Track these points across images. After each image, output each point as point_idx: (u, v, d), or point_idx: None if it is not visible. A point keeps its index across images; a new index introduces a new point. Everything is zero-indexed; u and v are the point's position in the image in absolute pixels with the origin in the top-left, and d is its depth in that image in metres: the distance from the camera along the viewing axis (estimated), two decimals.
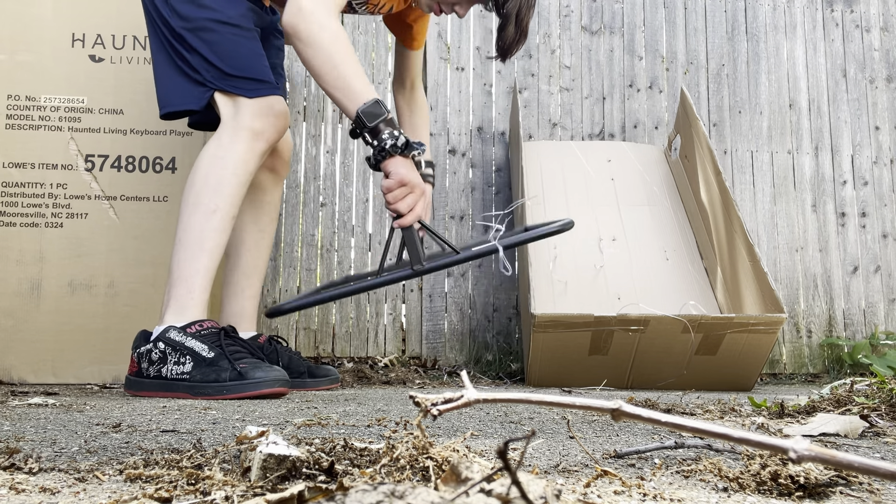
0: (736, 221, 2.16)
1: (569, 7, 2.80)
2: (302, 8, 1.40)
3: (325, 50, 1.40)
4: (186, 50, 1.54)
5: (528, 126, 2.73)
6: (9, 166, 1.89)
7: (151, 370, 1.43)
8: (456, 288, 2.57)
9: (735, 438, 0.39)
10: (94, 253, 1.89)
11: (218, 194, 1.49)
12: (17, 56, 1.93)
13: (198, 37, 1.53)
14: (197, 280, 1.47)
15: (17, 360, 1.84)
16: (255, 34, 1.60)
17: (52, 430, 0.87)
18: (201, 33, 1.53)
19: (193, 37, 1.53)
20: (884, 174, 2.81)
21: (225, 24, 1.54)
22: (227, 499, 0.49)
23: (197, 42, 1.53)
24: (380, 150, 1.37)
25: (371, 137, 1.38)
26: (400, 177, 1.37)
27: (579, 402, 0.44)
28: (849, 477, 0.60)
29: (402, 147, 1.37)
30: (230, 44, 1.54)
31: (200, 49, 1.53)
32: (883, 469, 0.36)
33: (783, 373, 2.63)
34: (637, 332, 1.85)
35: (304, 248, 2.53)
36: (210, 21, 1.53)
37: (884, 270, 2.74)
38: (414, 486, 0.38)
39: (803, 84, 2.84)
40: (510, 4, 1.55)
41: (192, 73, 1.54)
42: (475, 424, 0.98)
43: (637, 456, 0.73)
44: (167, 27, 1.56)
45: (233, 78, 1.53)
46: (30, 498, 0.51)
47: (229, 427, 0.92)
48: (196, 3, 1.54)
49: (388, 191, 1.38)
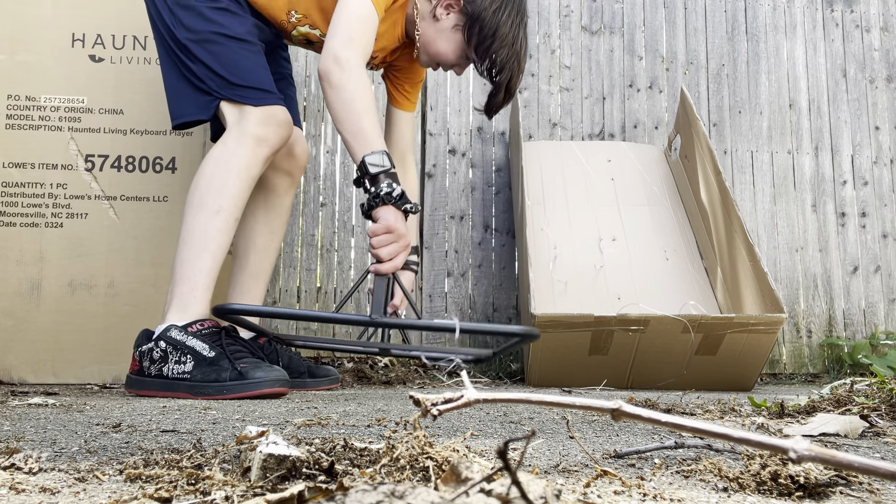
0: (736, 221, 2.16)
1: (569, 7, 2.80)
2: (339, 57, 1.45)
3: (350, 97, 1.44)
4: (191, 60, 1.56)
5: (528, 126, 2.73)
6: (9, 166, 1.89)
7: (152, 369, 1.43)
8: (456, 288, 2.57)
9: (735, 438, 0.39)
10: (94, 253, 1.89)
11: (222, 196, 1.51)
12: (17, 56, 1.93)
13: (203, 48, 1.55)
14: (200, 279, 1.47)
15: (17, 360, 1.84)
16: (260, 49, 1.62)
17: (52, 430, 0.87)
18: (207, 45, 1.55)
19: (199, 48, 1.55)
20: (884, 174, 2.81)
21: (231, 38, 1.56)
22: (227, 499, 0.49)
23: (202, 53, 1.55)
24: (374, 196, 1.38)
25: (370, 184, 1.40)
26: (388, 223, 1.37)
27: (579, 402, 0.44)
28: (849, 477, 0.60)
29: (397, 198, 1.38)
30: (235, 56, 1.56)
31: (206, 60, 1.55)
32: (883, 469, 0.36)
33: (783, 373, 2.63)
34: (637, 332, 1.85)
35: (304, 248, 2.53)
36: (215, 34, 1.55)
37: (884, 270, 2.74)
38: (414, 486, 0.38)
39: (803, 84, 2.84)
40: (502, 76, 1.62)
41: (198, 83, 1.57)
42: (475, 424, 0.98)
43: (637, 456, 0.73)
44: (172, 37, 1.58)
45: (238, 87, 1.55)
46: (30, 498, 0.51)
47: (229, 427, 0.92)
48: (202, 16, 1.56)
49: (373, 234, 1.38)
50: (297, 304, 2.50)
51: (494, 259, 2.62)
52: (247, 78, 1.56)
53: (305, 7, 1.65)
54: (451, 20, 1.63)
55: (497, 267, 2.62)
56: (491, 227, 2.65)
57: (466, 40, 1.62)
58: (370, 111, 1.44)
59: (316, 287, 2.52)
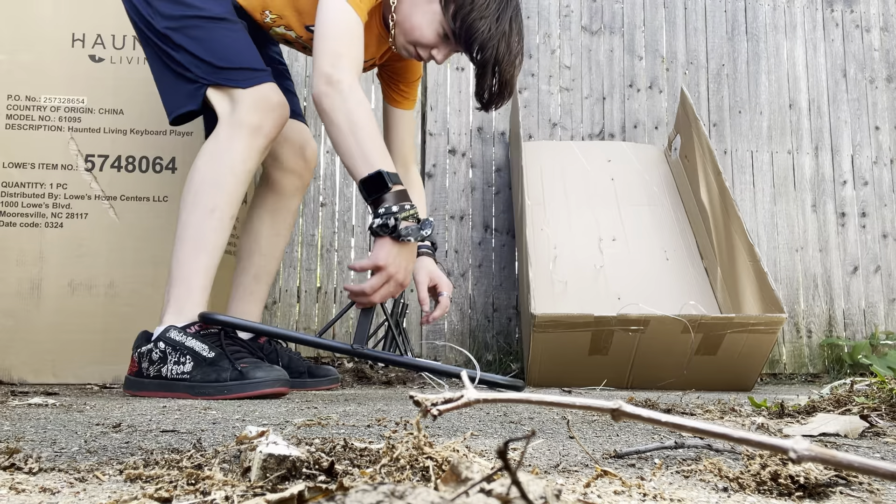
0: (736, 221, 2.16)
1: (569, 7, 2.80)
2: (330, 78, 1.38)
3: (345, 117, 1.37)
4: (174, 49, 1.51)
5: (528, 126, 2.73)
6: (9, 166, 1.89)
7: (151, 370, 1.43)
8: (456, 288, 2.57)
9: (735, 438, 0.39)
10: (94, 253, 1.89)
11: (216, 193, 1.47)
12: (17, 56, 1.93)
13: (183, 34, 1.50)
14: (196, 279, 1.46)
15: (17, 360, 1.84)
16: (242, 27, 1.55)
17: (52, 430, 0.87)
18: (186, 31, 1.50)
19: (179, 35, 1.50)
20: (884, 174, 2.81)
21: (210, 19, 1.51)
22: (227, 499, 0.49)
23: (183, 39, 1.50)
24: (369, 226, 1.35)
25: (373, 210, 1.35)
26: (376, 260, 1.34)
27: (579, 402, 0.44)
28: (849, 477, 0.60)
29: (391, 230, 1.32)
30: (217, 37, 1.51)
31: (188, 46, 1.50)
32: (883, 469, 0.36)
33: (783, 373, 2.63)
34: (637, 332, 1.85)
35: (304, 248, 2.53)
36: (194, 18, 1.50)
37: (884, 270, 2.73)
38: (414, 486, 0.38)
39: (803, 84, 2.84)
40: (485, 54, 1.48)
41: (184, 72, 1.51)
42: (475, 424, 0.98)
43: (637, 456, 0.73)
44: (151, 30, 1.53)
45: (224, 70, 1.50)
46: (30, 498, 0.51)
47: (229, 427, 0.92)
48: (178, 1, 1.51)
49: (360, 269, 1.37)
50: (297, 305, 2.50)
51: (494, 259, 2.62)
52: (231, 59, 1.50)
53: (280, 8, 1.59)
54: None
55: (497, 267, 2.62)
56: (491, 227, 2.65)
57: (443, 8, 1.48)
58: (366, 128, 1.37)
59: (316, 287, 2.52)
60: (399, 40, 1.56)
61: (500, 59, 1.48)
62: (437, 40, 1.52)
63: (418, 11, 1.50)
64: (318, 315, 2.49)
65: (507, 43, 1.48)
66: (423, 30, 1.51)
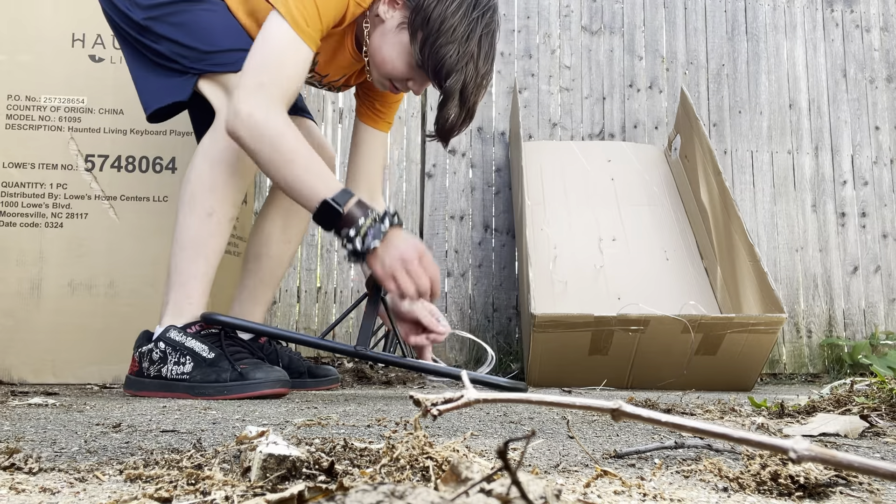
0: (736, 221, 2.16)
1: (569, 7, 2.80)
2: (238, 113, 1.29)
3: (267, 154, 1.28)
4: (156, 42, 1.45)
5: (528, 126, 2.73)
6: (9, 166, 1.89)
7: (152, 370, 1.42)
8: (456, 288, 2.57)
9: (735, 438, 0.39)
10: (94, 253, 1.89)
11: (213, 196, 1.43)
12: (17, 56, 1.93)
13: (164, 22, 1.44)
14: (194, 284, 1.44)
15: (17, 360, 1.84)
16: (224, 7, 1.47)
17: (52, 430, 0.87)
18: (168, 18, 1.44)
19: (160, 24, 1.44)
20: (884, 174, 2.81)
21: (189, 1, 1.44)
22: (227, 499, 0.49)
23: (164, 28, 1.44)
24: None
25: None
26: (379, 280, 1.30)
27: (579, 402, 0.44)
28: (849, 477, 0.60)
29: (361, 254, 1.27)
30: (199, 19, 1.44)
31: (170, 34, 1.43)
32: (883, 469, 0.36)
33: (783, 373, 2.63)
34: (637, 332, 1.85)
35: (304, 248, 2.53)
36: (172, 3, 1.45)
37: (884, 270, 2.74)
38: (414, 486, 0.38)
39: (803, 84, 2.84)
40: (452, 80, 1.36)
41: (170, 64, 1.44)
42: (475, 424, 0.98)
43: (637, 456, 0.73)
44: (130, 23, 1.48)
45: (213, 55, 1.42)
46: (30, 498, 0.51)
47: (229, 427, 0.92)
48: None
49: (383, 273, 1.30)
50: (297, 305, 2.50)
51: (494, 259, 2.62)
52: (217, 41, 1.43)
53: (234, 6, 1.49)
54: (396, 18, 1.41)
55: (497, 267, 2.62)
56: (491, 227, 2.65)
57: (411, 37, 1.39)
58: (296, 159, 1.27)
59: (316, 287, 2.52)
60: (374, 74, 1.50)
61: (466, 83, 1.37)
62: (409, 72, 1.44)
63: (387, 43, 1.43)
64: (318, 315, 2.49)
65: (474, 64, 1.37)
66: (394, 62, 1.43)
